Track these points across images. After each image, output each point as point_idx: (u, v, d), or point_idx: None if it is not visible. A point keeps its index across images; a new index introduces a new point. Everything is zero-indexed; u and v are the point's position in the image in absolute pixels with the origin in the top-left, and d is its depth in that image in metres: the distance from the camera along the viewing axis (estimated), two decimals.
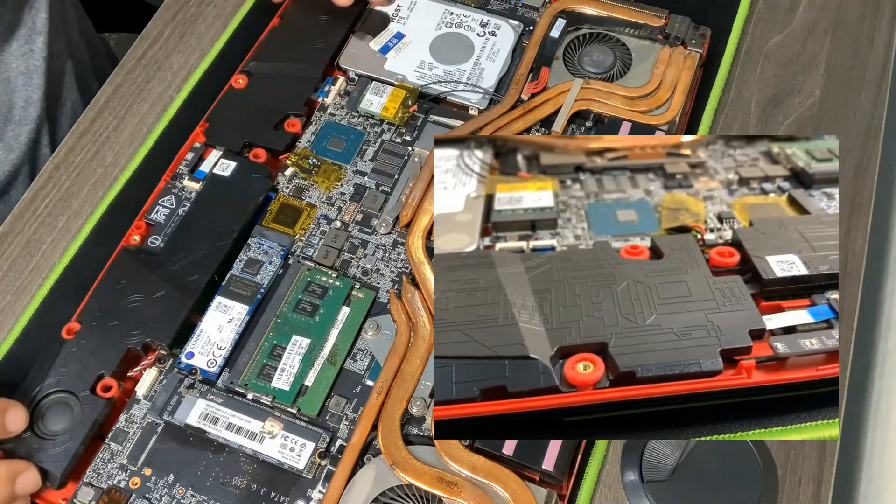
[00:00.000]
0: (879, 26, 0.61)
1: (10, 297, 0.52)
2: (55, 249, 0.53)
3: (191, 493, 0.44)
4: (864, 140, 0.56)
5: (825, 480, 0.45)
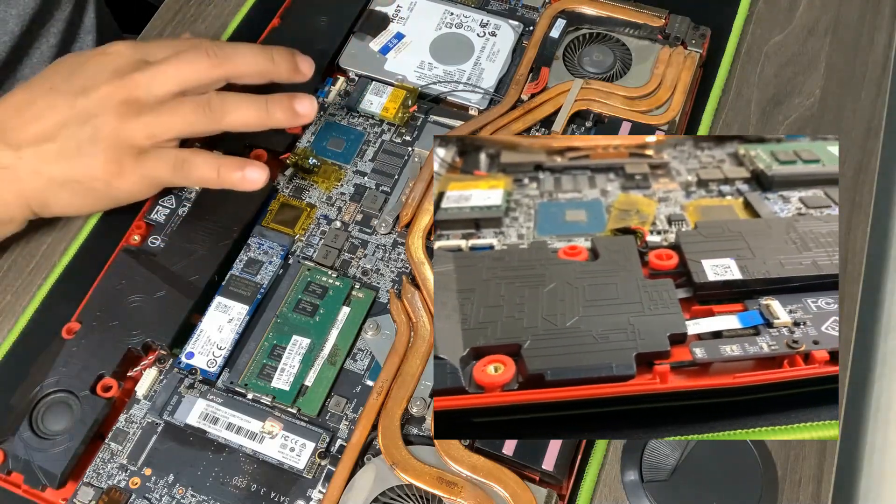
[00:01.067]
0: (879, 26, 0.61)
1: (10, 297, 0.52)
2: (55, 249, 0.53)
3: (191, 493, 0.44)
4: (864, 140, 0.56)
5: (825, 480, 0.45)
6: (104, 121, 0.47)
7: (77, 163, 0.47)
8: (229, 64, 0.49)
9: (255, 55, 0.50)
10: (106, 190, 0.48)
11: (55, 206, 0.49)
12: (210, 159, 0.49)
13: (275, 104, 0.49)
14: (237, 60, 0.49)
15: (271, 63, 0.50)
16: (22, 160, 0.47)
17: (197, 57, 0.48)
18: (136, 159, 0.47)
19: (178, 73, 0.48)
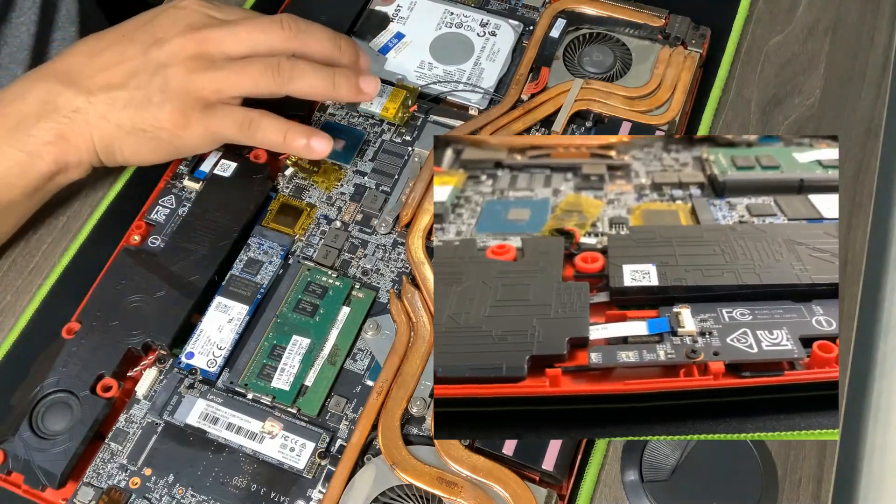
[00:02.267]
0: (879, 26, 0.61)
1: (10, 297, 0.52)
2: (55, 249, 0.53)
3: (191, 492, 0.44)
4: (864, 140, 0.56)
5: (825, 480, 0.45)
6: (174, 72, 0.48)
7: (145, 111, 0.48)
8: (300, 38, 0.50)
9: (326, 37, 0.51)
10: (170, 140, 0.49)
11: (120, 153, 0.50)
12: (278, 123, 0.50)
13: (342, 78, 0.50)
14: (309, 38, 0.51)
15: (338, 50, 0.52)
16: (92, 105, 0.48)
17: (272, 25, 0.50)
18: (203, 112, 0.49)
19: (250, 36, 0.49)
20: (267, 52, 0.50)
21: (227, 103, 0.49)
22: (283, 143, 0.50)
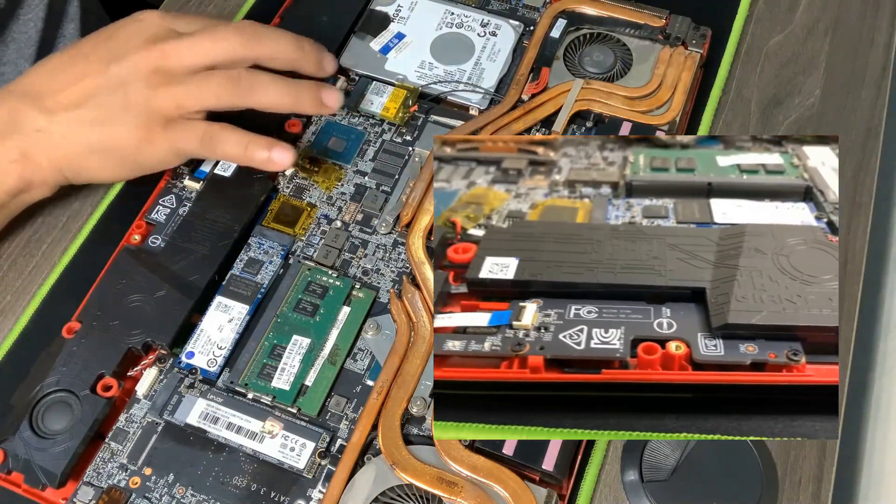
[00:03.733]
0: (879, 26, 0.61)
1: (10, 297, 0.52)
2: (55, 249, 0.53)
3: (191, 492, 0.44)
4: (864, 140, 0.56)
5: (825, 480, 0.45)
6: (135, 88, 0.47)
7: (108, 129, 0.48)
8: (261, 45, 0.49)
9: (287, 42, 0.50)
10: (135, 157, 0.49)
11: (86, 171, 0.50)
12: (239, 136, 0.49)
13: (304, 90, 0.50)
14: (270, 44, 0.50)
15: (301, 52, 0.51)
16: (55, 124, 0.48)
17: (230, 34, 0.49)
18: (165, 128, 0.48)
19: (210, 47, 0.48)
20: (228, 62, 0.49)
21: (189, 118, 0.49)
22: (245, 156, 0.49)
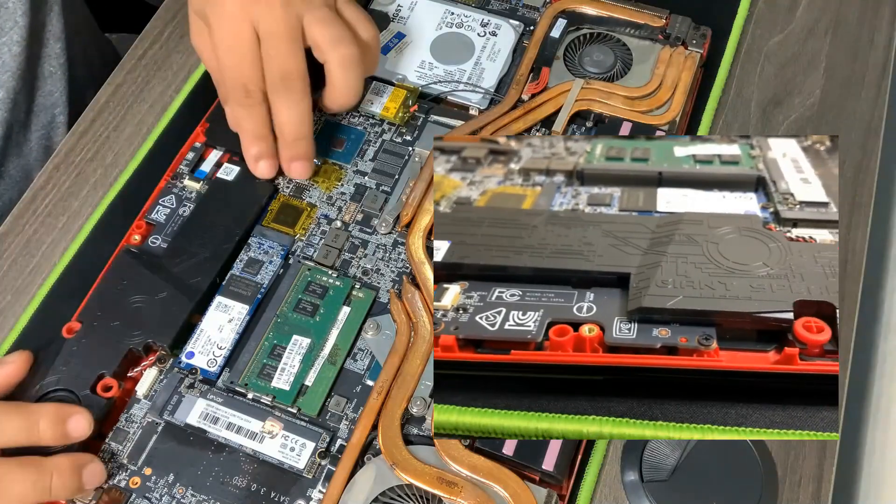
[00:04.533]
0: (879, 26, 0.61)
1: (10, 297, 0.52)
2: (55, 249, 0.53)
3: (191, 492, 0.44)
4: (864, 140, 0.56)
5: (825, 480, 0.45)
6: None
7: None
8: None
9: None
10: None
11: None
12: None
13: (43, 418, 0.43)
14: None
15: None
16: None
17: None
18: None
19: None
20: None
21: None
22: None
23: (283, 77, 0.49)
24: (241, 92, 0.50)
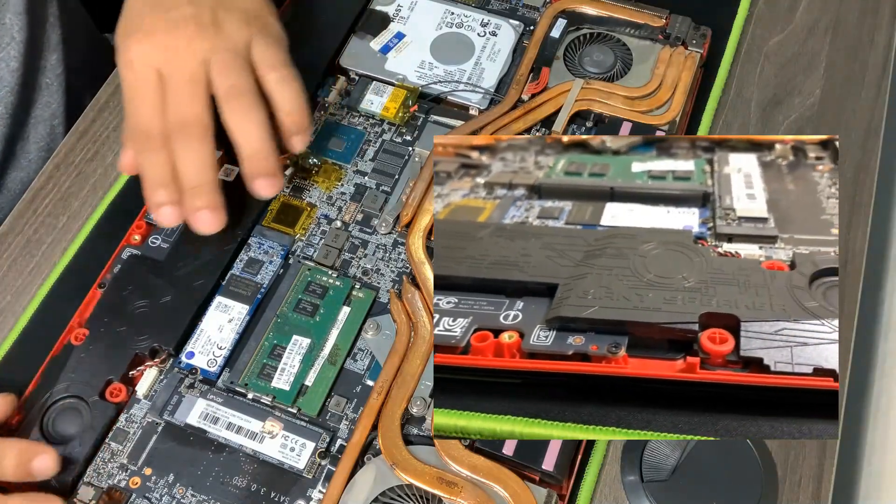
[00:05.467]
0: (879, 26, 0.61)
1: (10, 297, 0.52)
2: (55, 249, 0.53)
3: (191, 492, 0.44)
4: (864, 140, 0.56)
5: (825, 480, 0.45)
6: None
7: None
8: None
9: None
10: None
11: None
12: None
13: (8, 456, 0.43)
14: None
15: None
16: None
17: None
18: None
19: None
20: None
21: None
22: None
23: (182, 124, 0.47)
24: (141, 137, 0.48)
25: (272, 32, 0.51)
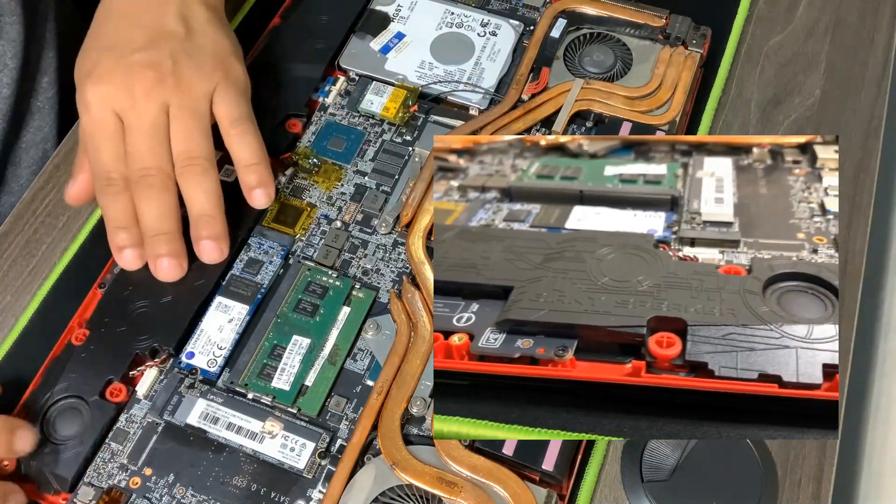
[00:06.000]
0: (879, 26, 0.61)
1: (9, 298, 0.52)
2: (55, 249, 0.53)
3: (191, 492, 0.44)
4: (864, 140, 0.56)
5: (825, 480, 0.45)
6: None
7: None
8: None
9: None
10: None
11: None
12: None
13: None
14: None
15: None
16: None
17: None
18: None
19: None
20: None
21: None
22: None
23: (144, 174, 0.47)
24: (102, 181, 0.48)
25: (235, 81, 0.51)
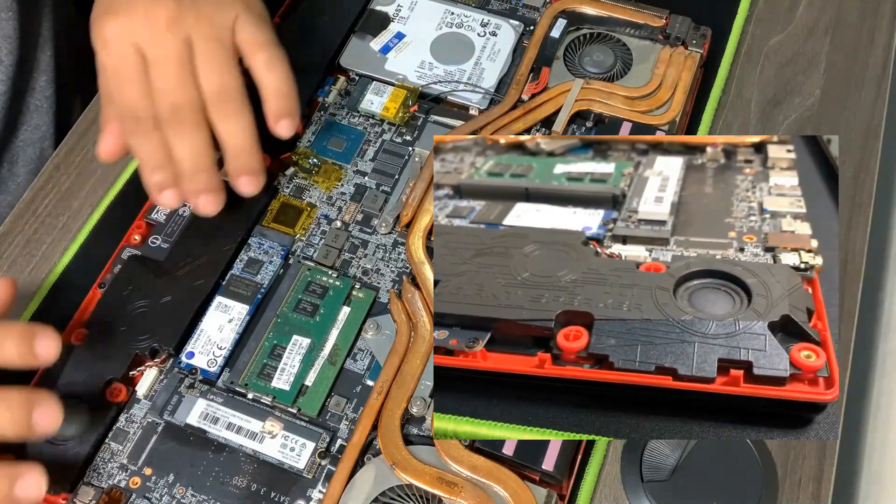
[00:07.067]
0: (879, 26, 0.61)
1: None
2: (55, 249, 0.53)
3: (191, 492, 0.44)
4: (864, 140, 0.56)
5: (825, 480, 0.45)
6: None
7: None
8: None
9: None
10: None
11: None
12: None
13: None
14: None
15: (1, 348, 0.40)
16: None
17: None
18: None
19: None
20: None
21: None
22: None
23: (174, 110, 0.45)
24: (130, 120, 0.46)
25: (255, 9, 0.49)
